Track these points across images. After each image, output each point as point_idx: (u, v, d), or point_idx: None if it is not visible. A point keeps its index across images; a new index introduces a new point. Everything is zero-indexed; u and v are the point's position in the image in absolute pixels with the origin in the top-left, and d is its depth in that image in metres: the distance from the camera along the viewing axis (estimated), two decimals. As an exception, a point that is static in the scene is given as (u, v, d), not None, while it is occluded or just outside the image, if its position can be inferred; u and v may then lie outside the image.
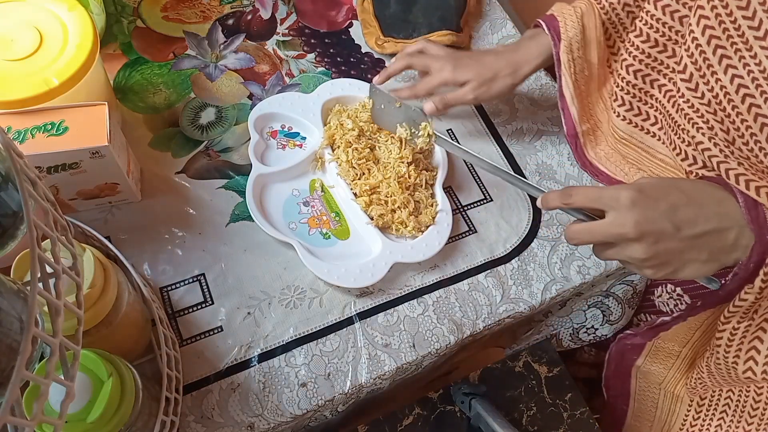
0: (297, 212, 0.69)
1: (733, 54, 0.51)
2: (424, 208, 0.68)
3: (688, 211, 0.48)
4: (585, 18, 0.67)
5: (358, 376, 0.61)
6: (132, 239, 0.65)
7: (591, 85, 0.70)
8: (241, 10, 0.83)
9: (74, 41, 0.58)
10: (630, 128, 0.70)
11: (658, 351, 0.71)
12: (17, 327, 0.33)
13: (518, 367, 0.75)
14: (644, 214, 0.47)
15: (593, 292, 0.78)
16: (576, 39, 0.66)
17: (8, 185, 0.35)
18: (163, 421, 0.49)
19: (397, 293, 0.66)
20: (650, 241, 0.47)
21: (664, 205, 0.47)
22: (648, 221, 0.47)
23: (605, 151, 0.73)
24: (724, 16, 0.51)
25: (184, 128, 0.73)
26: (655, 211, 0.47)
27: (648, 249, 0.47)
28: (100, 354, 0.43)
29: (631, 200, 0.47)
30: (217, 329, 0.62)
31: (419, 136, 0.66)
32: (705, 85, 0.56)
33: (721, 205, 0.49)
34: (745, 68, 0.51)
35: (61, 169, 0.56)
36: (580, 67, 0.68)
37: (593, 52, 0.68)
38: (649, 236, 0.47)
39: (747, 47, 0.50)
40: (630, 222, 0.47)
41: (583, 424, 0.73)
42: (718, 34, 0.52)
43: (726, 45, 0.52)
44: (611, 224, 0.48)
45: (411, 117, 0.67)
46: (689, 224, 0.47)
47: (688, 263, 0.49)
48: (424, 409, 0.71)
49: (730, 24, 0.51)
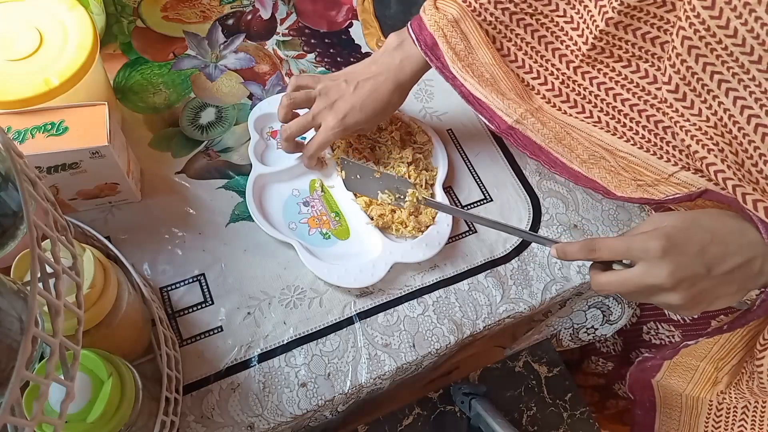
0: (297, 212, 0.69)
1: (731, 78, 0.51)
2: (424, 209, 0.68)
3: (715, 249, 0.48)
4: (461, 24, 0.63)
5: (358, 376, 0.61)
6: (132, 239, 0.65)
7: (500, 85, 0.64)
8: (241, 10, 0.83)
9: (74, 41, 0.58)
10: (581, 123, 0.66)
11: (677, 366, 0.71)
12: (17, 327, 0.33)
13: (518, 367, 0.75)
14: (677, 262, 0.47)
15: (593, 292, 0.78)
16: (461, 48, 0.62)
17: (8, 185, 0.35)
18: (163, 421, 0.49)
19: (397, 293, 0.66)
20: (685, 286, 0.48)
21: (693, 248, 0.48)
22: (681, 269, 0.47)
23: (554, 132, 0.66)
24: (709, 38, 0.50)
25: (184, 128, 0.73)
26: (686, 256, 0.48)
27: (684, 294, 0.48)
28: (100, 354, 0.43)
29: (662, 251, 0.47)
30: (217, 329, 0.62)
31: (406, 201, 0.64)
32: (708, 109, 0.55)
33: (743, 236, 0.49)
34: (746, 90, 0.51)
35: (61, 169, 0.56)
36: (479, 72, 0.63)
37: (486, 54, 0.64)
38: (684, 282, 0.48)
39: (744, 71, 0.50)
40: (664, 273, 0.47)
41: (583, 424, 0.73)
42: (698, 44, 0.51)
43: (722, 70, 0.51)
44: (645, 275, 0.48)
45: (395, 183, 0.65)
46: (719, 263, 0.48)
47: (720, 297, 0.50)
48: (424, 409, 0.71)
49: (721, 49, 0.50)
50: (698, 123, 0.56)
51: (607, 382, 0.93)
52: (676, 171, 0.61)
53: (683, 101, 0.56)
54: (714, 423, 0.74)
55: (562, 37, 0.63)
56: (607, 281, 0.51)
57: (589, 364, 0.95)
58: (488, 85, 0.63)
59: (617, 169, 0.63)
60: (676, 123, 0.57)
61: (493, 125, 0.64)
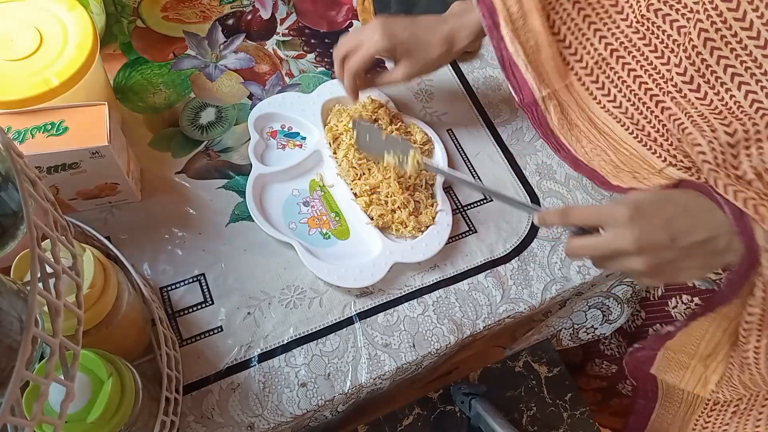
0: (297, 212, 0.69)
1: (744, 71, 0.53)
2: (424, 208, 0.68)
3: (682, 221, 0.50)
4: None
5: (358, 376, 0.61)
6: (132, 239, 0.65)
7: (540, 55, 0.68)
8: (241, 10, 0.83)
9: (74, 41, 0.58)
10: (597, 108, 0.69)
11: (669, 362, 0.72)
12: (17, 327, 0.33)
13: (518, 367, 0.75)
14: (642, 229, 0.49)
15: (594, 293, 0.78)
16: (515, 9, 0.65)
17: (8, 185, 0.35)
18: (163, 421, 0.49)
19: (397, 293, 0.66)
20: (649, 254, 0.49)
21: (660, 218, 0.50)
22: (646, 235, 0.49)
23: (569, 120, 0.71)
24: (724, 30, 0.52)
25: (184, 128, 0.73)
26: (652, 225, 0.50)
27: (647, 261, 0.50)
28: (100, 354, 0.43)
29: (629, 217, 0.49)
30: (217, 329, 0.62)
31: (407, 164, 0.66)
32: (719, 101, 0.56)
33: (711, 213, 0.51)
34: (758, 84, 0.53)
35: (61, 169, 0.56)
36: (526, 38, 0.66)
37: (536, 21, 0.66)
38: (648, 249, 0.49)
39: (756, 64, 0.52)
40: (630, 238, 0.49)
41: (583, 424, 0.73)
42: (713, 36, 0.53)
43: (735, 63, 0.53)
44: (612, 240, 0.50)
45: (398, 145, 0.66)
46: (684, 235, 0.50)
47: (684, 270, 0.51)
48: (424, 409, 0.71)
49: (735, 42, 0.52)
50: (705, 112, 0.57)
51: (610, 384, 0.93)
52: (664, 167, 0.63)
53: (697, 93, 0.58)
54: (704, 423, 0.74)
55: (606, 19, 0.66)
56: (579, 245, 0.53)
57: (592, 366, 0.95)
58: (530, 54, 0.66)
59: (616, 163, 0.65)
60: (684, 111, 0.59)
61: (519, 96, 0.68)
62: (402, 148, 0.66)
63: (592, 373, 0.96)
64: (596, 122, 0.69)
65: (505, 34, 0.65)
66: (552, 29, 0.67)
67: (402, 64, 0.65)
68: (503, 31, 0.65)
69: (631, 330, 0.83)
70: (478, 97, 0.81)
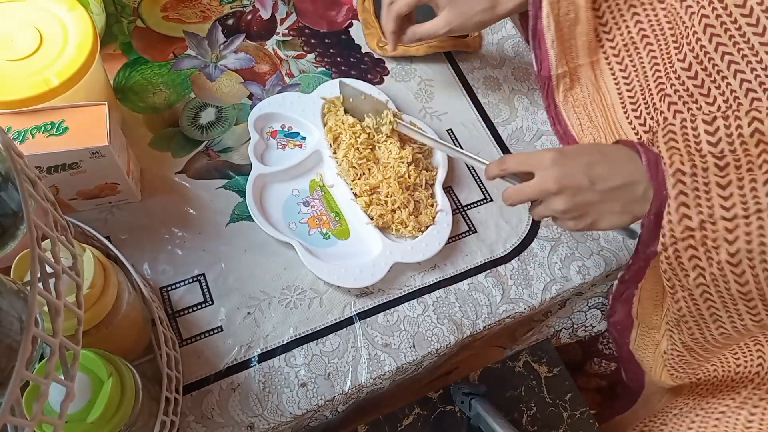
0: (297, 212, 0.69)
1: (740, 59, 0.53)
2: (424, 208, 0.68)
3: (602, 167, 0.53)
4: None
5: (358, 376, 0.61)
6: (132, 239, 0.65)
7: (576, 28, 0.68)
8: (241, 10, 0.83)
9: (74, 41, 0.58)
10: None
11: (644, 337, 0.71)
12: (17, 327, 0.33)
13: (518, 367, 0.75)
14: (563, 171, 0.53)
15: (594, 293, 0.78)
16: None
17: (8, 185, 0.35)
18: (163, 421, 0.49)
19: (397, 293, 0.66)
20: (569, 194, 0.53)
21: (582, 162, 0.53)
22: (566, 176, 0.53)
23: (575, 97, 0.73)
24: (725, 17, 0.52)
25: (184, 128, 0.73)
26: (573, 168, 0.53)
27: (567, 201, 0.53)
28: (100, 354, 0.43)
29: (552, 160, 0.54)
30: (217, 329, 0.62)
31: (383, 124, 0.69)
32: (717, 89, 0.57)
33: (631, 162, 0.53)
34: (752, 72, 0.53)
35: (61, 169, 0.56)
36: (565, 10, 0.67)
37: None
38: (568, 190, 0.53)
39: (753, 53, 0.52)
40: (551, 178, 0.53)
41: (583, 424, 0.73)
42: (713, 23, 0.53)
43: (733, 51, 0.54)
44: (536, 182, 0.54)
45: (375, 107, 0.71)
46: (603, 179, 0.53)
47: (605, 214, 0.54)
48: (424, 409, 0.71)
49: (735, 30, 0.52)
50: (703, 105, 0.58)
51: (610, 383, 0.93)
52: None
53: (694, 80, 0.59)
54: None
55: (647, 6, 0.66)
56: (510, 191, 0.57)
57: (591, 365, 0.95)
58: (565, 27, 0.68)
59: None
60: (684, 102, 0.60)
61: (538, 67, 0.71)
62: (378, 109, 0.70)
63: (591, 371, 0.96)
64: (605, 103, 0.71)
65: (545, 5, 0.65)
66: (594, 4, 0.68)
67: (444, 14, 0.66)
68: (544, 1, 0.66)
69: None
70: (478, 97, 0.81)
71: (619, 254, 0.71)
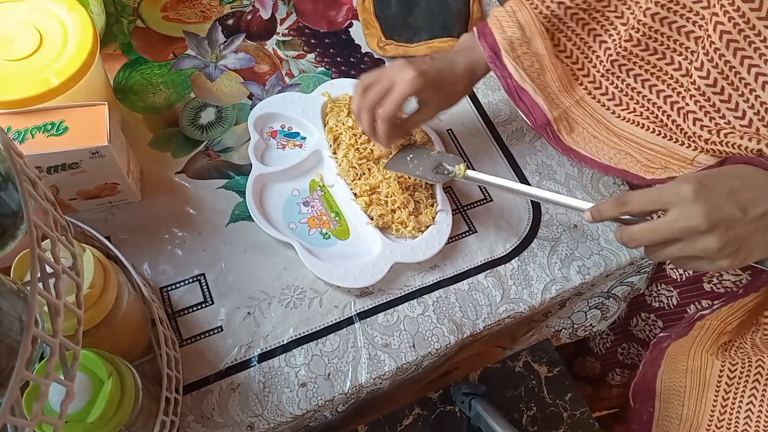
0: (297, 212, 0.69)
1: (758, 59, 0.52)
2: (424, 208, 0.68)
3: (746, 193, 0.47)
4: (518, 15, 0.65)
5: (358, 376, 0.61)
6: (132, 239, 0.65)
7: (545, 77, 0.68)
8: (241, 10, 0.83)
9: (74, 41, 0.58)
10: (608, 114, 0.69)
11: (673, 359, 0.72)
12: (17, 327, 0.33)
13: (518, 367, 0.75)
14: (710, 203, 0.46)
15: (594, 293, 0.78)
16: (516, 36, 0.65)
17: (8, 185, 0.35)
18: (163, 421, 0.49)
19: (397, 293, 0.66)
20: (722, 229, 0.46)
21: (724, 191, 0.47)
22: (716, 210, 0.46)
23: (582, 136, 0.70)
24: (747, 30, 0.51)
25: (184, 128, 0.73)
26: (719, 198, 0.46)
27: (722, 238, 0.46)
28: (100, 354, 0.43)
29: (694, 192, 0.46)
30: (217, 329, 0.62)
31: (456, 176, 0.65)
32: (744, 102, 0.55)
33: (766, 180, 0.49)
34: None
35: (61, 169, 0.56)
36: (529, 62, 0.66)
37: (539, 45, 0.66)
38: (721, 224, 0.46)
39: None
40: (699, 214, 0.46)
41: (583, 424, 0.73)
42: (736, 38, 0.52)
43: (759, 63, 0.52)
44: (679, 219, 0.47)
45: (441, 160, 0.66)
46: (753, 205, 0.47)
47: (758, 245, 0.48)
48: (424, 409, 0.71)
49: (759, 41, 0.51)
50: (730, 117, 0.57)
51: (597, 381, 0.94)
52: (696, 155, 0.61)
53: (721, 95, 0.56)
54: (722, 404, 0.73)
55: (610, 30, 0.65)
56: (638, 229, 0.49)
57: (614, 376, 0.95)
58: (535, 78, 0.66)
59: (644, 162, 0.64)
60: (706, 114, 0.58)
61: (531, 119, 0.67)
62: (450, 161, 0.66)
63: (613, 383, 0.96)
64: (615, 130, 0.68)
65: (508, 62, 0.65)
66: (558, 47, 0.67)
67: (431, 101, 0.64)
68: (505, 60, 0.65)
69: (649, 340, 0.83)
70: (479, 97, 0.81)
71: (619, 254, 0.71)
